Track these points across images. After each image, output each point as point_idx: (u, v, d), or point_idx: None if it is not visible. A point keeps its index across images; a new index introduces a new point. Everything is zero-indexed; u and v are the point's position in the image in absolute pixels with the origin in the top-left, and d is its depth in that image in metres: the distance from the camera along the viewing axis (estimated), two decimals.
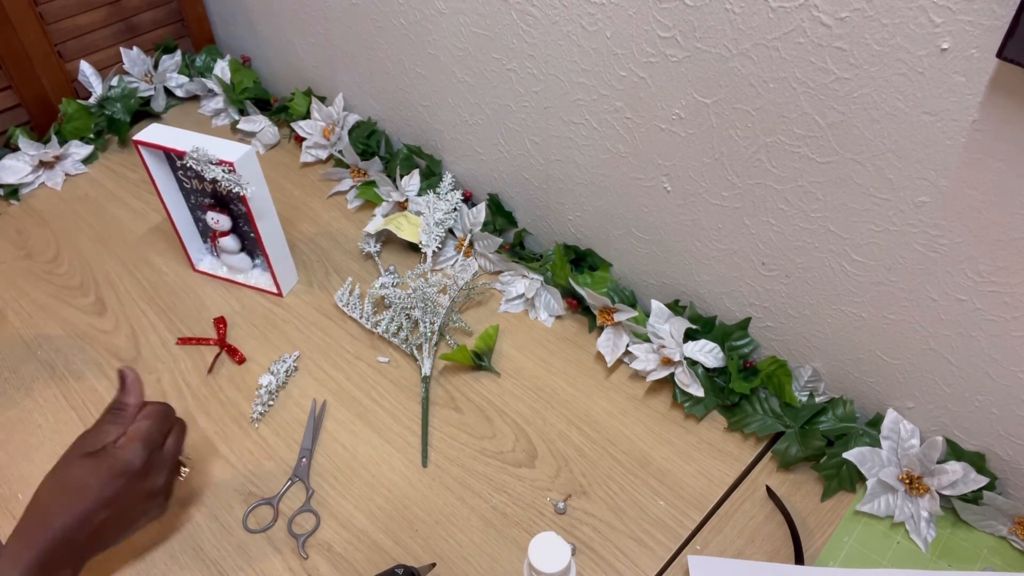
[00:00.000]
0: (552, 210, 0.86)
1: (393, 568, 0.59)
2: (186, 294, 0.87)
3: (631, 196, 0.75)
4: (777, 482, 0.69)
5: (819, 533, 0.65)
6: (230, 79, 1.12)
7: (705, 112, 0.63)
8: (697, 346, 0.75)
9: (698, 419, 0.74)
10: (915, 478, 0.65)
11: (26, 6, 0.98)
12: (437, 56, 0.85)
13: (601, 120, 0.72)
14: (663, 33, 0.62)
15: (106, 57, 1.11)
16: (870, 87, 0.53)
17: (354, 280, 0.87)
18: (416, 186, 0.94)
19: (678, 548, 0.65)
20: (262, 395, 0.75)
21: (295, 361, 0.79)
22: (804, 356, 0.73)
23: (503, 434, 0.74)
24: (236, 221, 0.83)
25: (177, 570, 0.64)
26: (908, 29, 0.49)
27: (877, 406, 0.70)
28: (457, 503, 0.68)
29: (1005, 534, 0.64)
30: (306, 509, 0.68)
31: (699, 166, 0.67)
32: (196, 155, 0.73)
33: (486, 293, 0.88)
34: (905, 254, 0.59)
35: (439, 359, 0.80)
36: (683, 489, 0.69)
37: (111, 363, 0.80)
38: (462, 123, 0.89)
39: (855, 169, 0.57)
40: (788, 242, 0.66)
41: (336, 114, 1.03)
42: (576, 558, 0.64)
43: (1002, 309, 0.56)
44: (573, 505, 0.68)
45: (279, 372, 0.77)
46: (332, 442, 0.73)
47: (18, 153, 1.01)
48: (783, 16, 0.54)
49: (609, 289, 0.81)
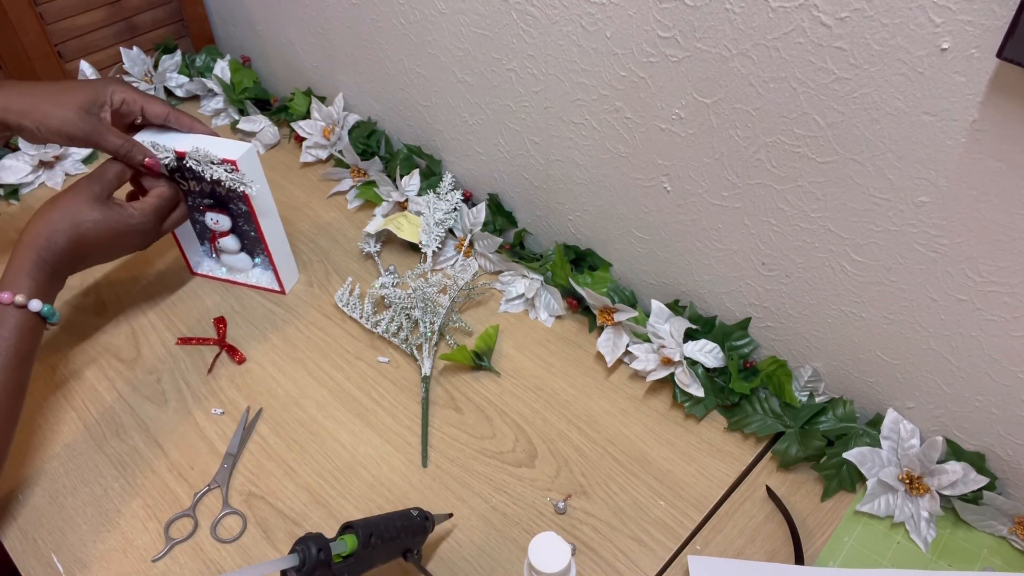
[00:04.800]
0: (552, 210, 0.86)
1: (409, 509, 0.59)
2: (186, 294, 0.88)
3: (631, 196, 0.75)
4: (777, 482, 0.69)
5: (819, 533, 0.66)
6: (230, 79, 1.12)
7: (705, 112, 0.63)
8: (697, 346, 0.75)
9: (698, 419, 0.74)
10: (915, 478, 0.65)
11: (26, 6, 0.98)
12: (437, 56, 0.85)
13: (601, 120, 0.72)
14: (663, 33, 0.62)
15: (106, 57, 1.11)
16: (870, 87, 0.53)
17: (354, 280, 0.87)
18: (416, 186, 0.94)
19: (678, 548, 0.65)
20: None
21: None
22: (804, 356, 0.73)
23: (503, 434, 0.74)
24: (236, 221, 0.83)
25: (178, 570, 0.64)
26: (908, 29, 0.49)
27: (877, 406, 0.70)
28: (457, 503, 0.68)
29: (1005, 534, 0.64)
30: (227, 512, 0.68)
31: (699, 166, 0.67)
32: (196, 156, 0.72)
33: (486, 293, 0.88)
34: (905, 254, 0.59)
35: (439, 359, 0.80)
36: (683, 489, 0.69)
37: (111, 363, 0.80)
38: (462, 123, 0.89)
39: (855, 169, 0.57)
40: (788, 242, 0.66)
41: (336, 114, 1.03)
42: (576, 558, 0.64)
43: (1002, 309, 0.56)
44: (573, 505, 0.68)
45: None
46: (332, 442, 0.73)
47: (18, 153, 1.01)
48: (783, 16, 0.54)
49: (609, 289, 0.81)
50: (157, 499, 0.69)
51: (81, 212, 0.68)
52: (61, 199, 0.68)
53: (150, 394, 0.77)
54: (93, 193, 0.69)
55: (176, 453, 0.72)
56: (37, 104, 0.68)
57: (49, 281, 0.66)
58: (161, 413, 0.75)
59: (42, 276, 0.65)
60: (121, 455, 0.72)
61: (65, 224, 0.67)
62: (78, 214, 0.67)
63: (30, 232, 0.66)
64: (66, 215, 0.67)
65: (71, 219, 0.67)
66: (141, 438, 0.73)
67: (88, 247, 0.69)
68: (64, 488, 0.69)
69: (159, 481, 0.70)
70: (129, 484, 0.70)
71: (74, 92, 0.69)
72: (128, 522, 0.67)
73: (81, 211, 0.68)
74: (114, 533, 0.66)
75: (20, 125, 0.68)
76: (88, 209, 0.68)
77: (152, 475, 0.70)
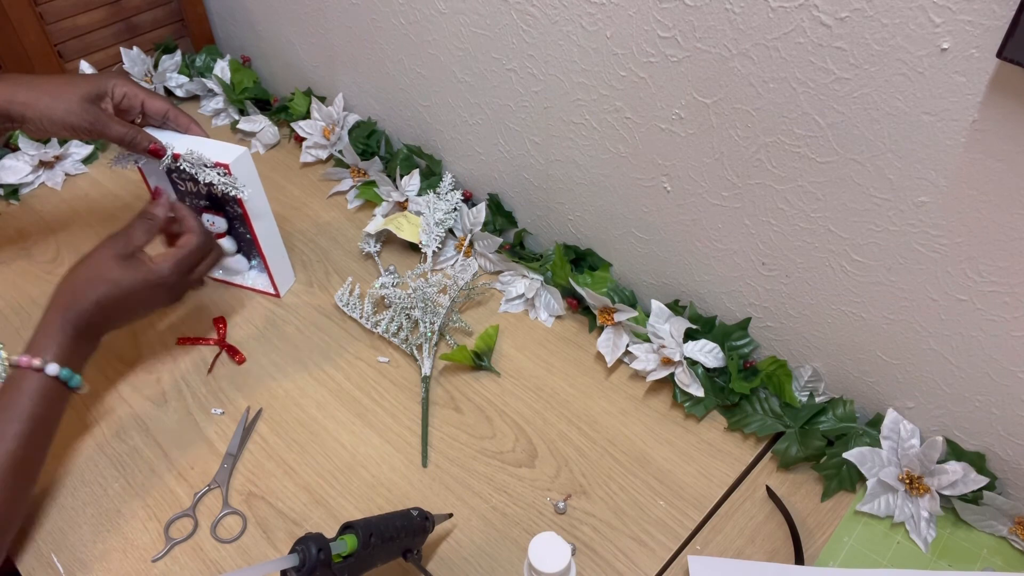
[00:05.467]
0: (552, 210, 0.86)
1: (409, 509, 0.59)
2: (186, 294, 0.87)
3: (631, 196, 0.75)
4: (777, 482, 0.69)
5: (819, 533, 0.66)
6: (230, 79, 1.12)
7: (705, 112, 0.63)
8: (697, 346, 0.75)
9: (698, 419, 0.74)
10: (915, 478, 0.65)
11: (26, 6, 0.98)
12: (437, 56, 0.85)
13: (601, 120, 0.72)
14: (663, 33, 0.62)
15: (106, 57, 1.11)
16: (870, 87, 0.53)
17: (354, 280, 0.87)
18: (416, 186, 0.94)
19: (678, 548, 0.65)
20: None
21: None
22: (804, 356, 0.73)
23: (503, 434, 0.74)
24: (232, 223, 0.83)
25: (178, 570, 0.64)
26: (908, 29, 0.49)
27: (877, 406, 0.70)
28: (457, 503, 0.68)
29: (1005, 534, 0.64)
30: (227, 512, 0.68)
31: (699, 166, 0.67)
32: (189, 159, 0.72)
33: (486, 293, 0.88)
34: (905, 254, 0.59)
35: (439, 359, 0.80)
36: (683, 489, 0.69)
37: (111, 363, 0.80)
38: (462, 123, 0.89)
39: (855, 169, 0.57)
40: (788, 242, 0.66)
41: (336, 114, 1.03)
42: (576, 558, 0.64)
43: (1002, 309, 0.56)
44: (573, 505, 0.68)
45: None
46: (332, 442, 0.73)
47: (18, 153, 1.01)
48: (783, 16, 0.54)
49: (609, 289, 0.81)
50: (157, 499, 0.69)
51: (104, 270, 0.66)
52: (87, 259, 0.67)
53: (150, 394, 0.77)
54: (116, 251, 0.67)
55: (176, 453, 0.72)
56: (40, 96, 0.67)
57: (74, 344, 0.65)
58: (161, 413, 0.75)
59: (66, 339, 0.64)
60: (121, 455, 0.72)
61: (89, 284, 0.65)
62: (103, 273, 0.66)
63: (56, 294, 0.65)
64: (90, 274, 0.66)
65: (95, 278, 0.66)
66: (141, 438, 0.73)
67: (112, 306, 0.66)
68: (64, 488, 0.69)
69: (159, 481, 0.70)
70: (129, 484, 0.70)
71: (77, 84, 0.69)
72: (128, 522, 0.67)
73: (104, 269, 0.66)
74: (114, 533, 0.66)
75: (24, 116, 0.68)
76: (112, 267, 0.66)
77: (152, 475, 0.70)
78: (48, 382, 0.63)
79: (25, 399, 0.61)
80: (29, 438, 0.61)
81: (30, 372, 0.62)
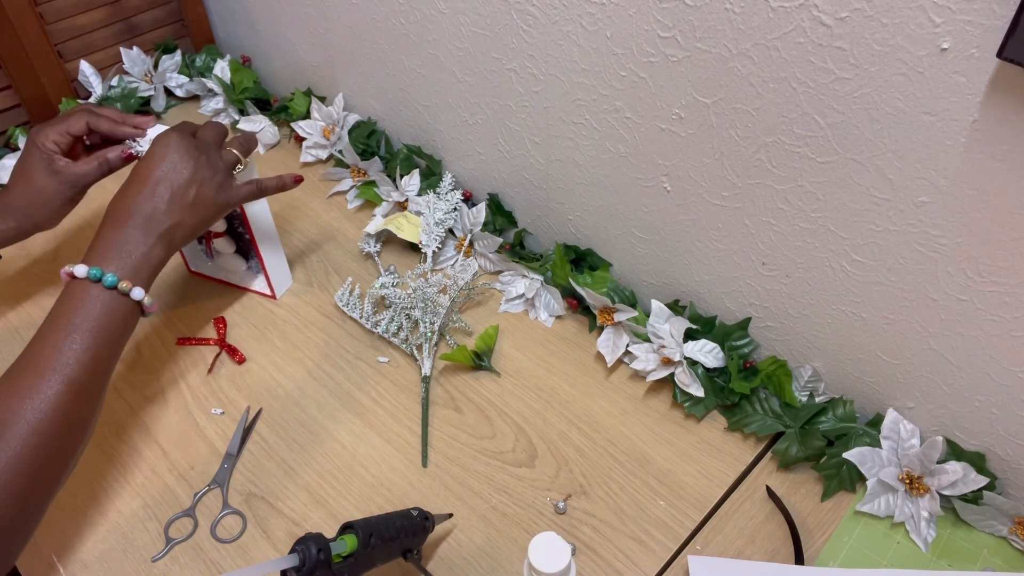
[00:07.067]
0: (552, 210, 0.86)
1: (409, 509, 0.59)
2: (186, 294, 0.87)
3: (631, 196, 0.75)
4: (777, 482, 0.69)
5: (819, 533, 0.66)
6: (230, 79, 1.12)
7: (705, 112, 0.63)
8: (697, 346, 0.75)
9: (698, 419, 0.74)
10: (915, 478, 0.65)
11: (26, 6, 0.98)
12: (437, 56, 0.85)
13: (601, 120, 0.72)
14: (663, 33, 0.62)
15: (106, 57, 1.11)
16: (870, 87, 0.53)
17: (354, 280, 0.87)
18: (416, 186, 0.94)
19: (678, 548, 0.65)
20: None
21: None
22: (804, 356, 0.73)
23: (503, 434, 0.74)
24: (231, 223, 0.83)
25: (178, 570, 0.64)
26: (908, 29, 0.49)
27: (877, 406, 0.70)
28: (457, 503, 0.68)
29: (1005, 534, 0.64)
30: (227, 512, 0.68)
31: (699, 166, 0.67)
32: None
33: (486, 293, 0.88)
34: (905, 254, 0.59)
35: (439, 359, 0.80)
36: (683, 489, 0.69)
37: None
38: (462, 123, 0.89)
39: (855, 169, 0.57)
40: (788, 242, 0.66)
41: (336, 114, 1.03)
42: (576, 558, 0.64)
43: (1002, 309, 0.56)
44: (573, 505, 0.68)
45: None
46: (332, 442, 0.73)
47: (18, 153, 1.01)
48: (783, 16, 0.54)
49: (609, 289, 0.81)
50: (157, 499, 0.69)
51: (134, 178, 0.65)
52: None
53: (150, 394, 0.77)
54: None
55: (176, 453, 0.72)
56: (21, 210, 0.72)
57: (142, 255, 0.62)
58: (161, 413, 0.75)
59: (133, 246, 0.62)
60: (121, 455, 0.72)
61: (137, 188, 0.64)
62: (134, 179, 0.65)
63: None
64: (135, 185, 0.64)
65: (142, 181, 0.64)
66: (141, 438, 0.73)
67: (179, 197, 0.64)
68: (64, 488, 0.69)
69: (159, 481, 0.70)
70: (129, 484, 0.70)
71: (30, 176, 0.72)
72: (128, 522, 0.67)
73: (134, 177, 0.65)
74: (114, 533, 0.66)
75: (27, 231, 0.74)
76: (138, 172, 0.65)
77: (152, 475, 0.70)
78: (116, 299, 0.60)
79: (92, 311, 0.58)
80: (102, 349, 0.59)
81: (85, 284, 0.59)
